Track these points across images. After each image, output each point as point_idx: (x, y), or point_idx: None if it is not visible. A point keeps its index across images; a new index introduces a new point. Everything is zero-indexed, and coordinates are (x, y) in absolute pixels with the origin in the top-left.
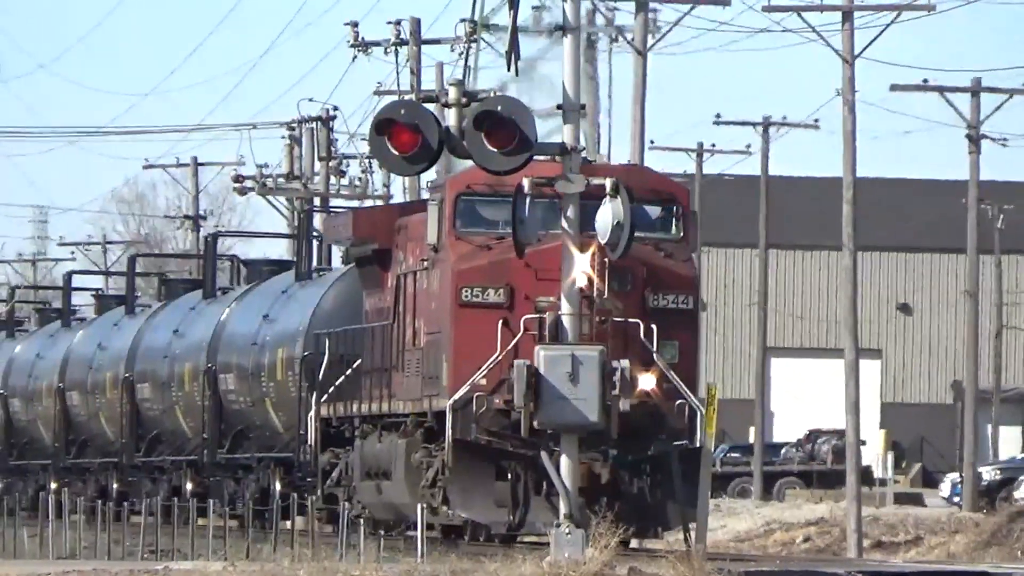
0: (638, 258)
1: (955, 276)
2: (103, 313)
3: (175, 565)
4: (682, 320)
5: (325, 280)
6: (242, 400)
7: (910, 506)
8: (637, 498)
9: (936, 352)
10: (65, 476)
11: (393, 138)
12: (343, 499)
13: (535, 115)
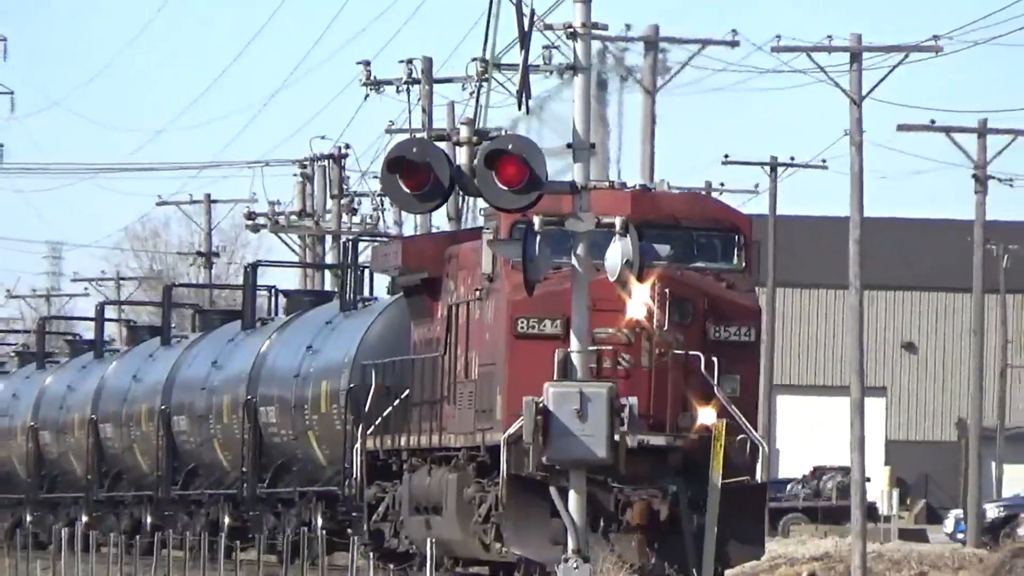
0: (699, 288)
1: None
2: (136, 344)
3: None
4: (744, 353)
5: (371, 310)
6: (284, 433)
7: (914, 542)
8: (697, 535)
9: (941, 390)
10: (97, 509)
11: (404, 176)
12: (390, 534)
13: (545, 153)
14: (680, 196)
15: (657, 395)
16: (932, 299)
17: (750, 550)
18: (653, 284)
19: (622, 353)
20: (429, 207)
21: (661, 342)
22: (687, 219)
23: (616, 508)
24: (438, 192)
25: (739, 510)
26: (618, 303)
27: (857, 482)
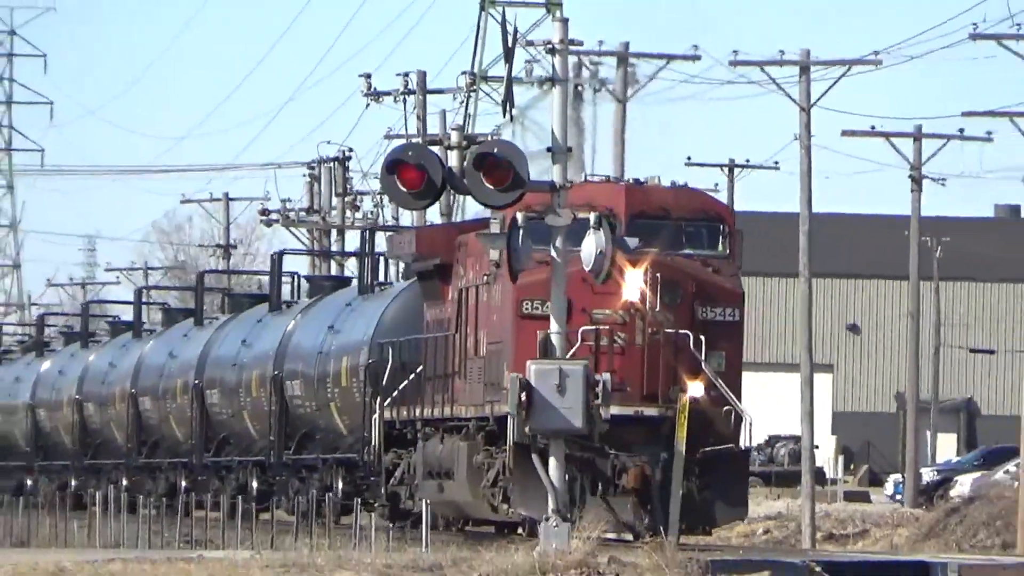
0: (688, 273)
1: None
2: (171, 326)
3: (208, 553)
4: (728, 332)
5: (387, 294)
6: (308, 405)
7: (858, 503)
8: (687, 498)
9: (881, 367)
10: (136, 474)
11: (401, 177)
12: (405, 497)
13: (527, 156)
14: (670, 189)
15: (650, 370)
16: (873, 286)
17: (735, 511)
18: (646, 269)
19: (618, 332)
20: (423, 204)
21: (653, 322)
22: (676, 210)
23: (613, 473)
24: (431, 191)
25: (724, 475)
26: (614, 287)
27: (807, 449)
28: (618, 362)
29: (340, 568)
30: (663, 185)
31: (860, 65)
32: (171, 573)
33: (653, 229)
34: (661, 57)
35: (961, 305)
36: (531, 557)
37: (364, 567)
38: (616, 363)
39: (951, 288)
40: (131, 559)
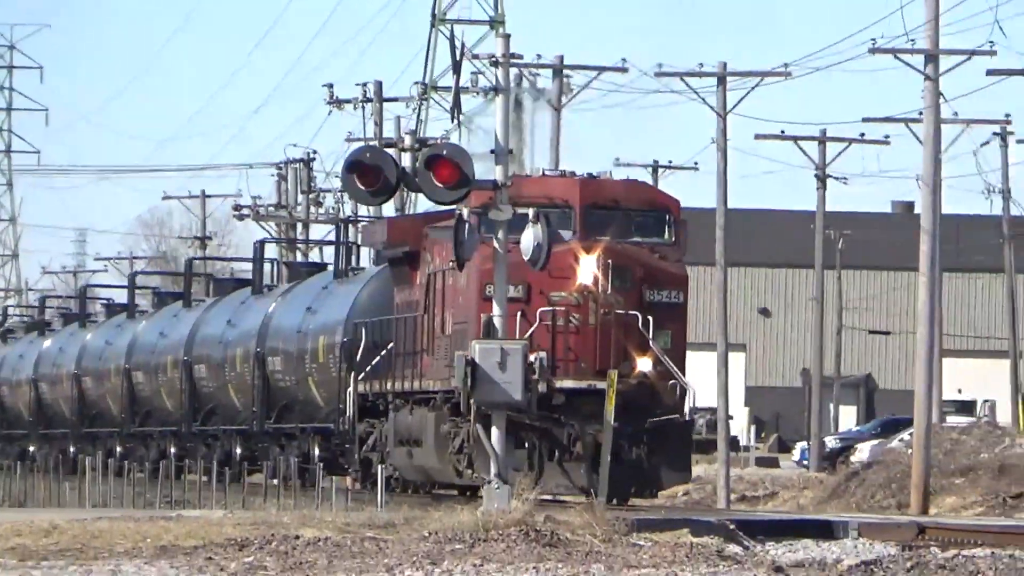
0: (637, 259)
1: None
2: (161, 308)
3: (186, 512)
4: (674, 313)
5: (360, 278)
6: (288, 379)
7: (768, 468)
8: (636, 464)
9: (789, 346)
10: (129, 442)
11: (360, 176)
12: (377, 462)
13: (473, 157)
14: (620, 182)
15: (602, 347)
16: (782, 274)
17: (680, 475)
18: (598, 256)
19: (573, 313)
20: (380, 201)
21: (605, 303)
22: (626, 201)
23: (568, 441)
24: (387, 189)
25: (670, 442)
26: (570, 271)
27: (722, 420)
28: (573, 340)
29: (304, 526)
30: (614, 179)
31: (771, 76)
32: (152, 530)
33: (605, 219)
34: (592, 69)
35: (861, 291)
36: (475, 516)
37: (325, 525)
38: (571, 341)
39: (852, 276)
40: (117, 518)
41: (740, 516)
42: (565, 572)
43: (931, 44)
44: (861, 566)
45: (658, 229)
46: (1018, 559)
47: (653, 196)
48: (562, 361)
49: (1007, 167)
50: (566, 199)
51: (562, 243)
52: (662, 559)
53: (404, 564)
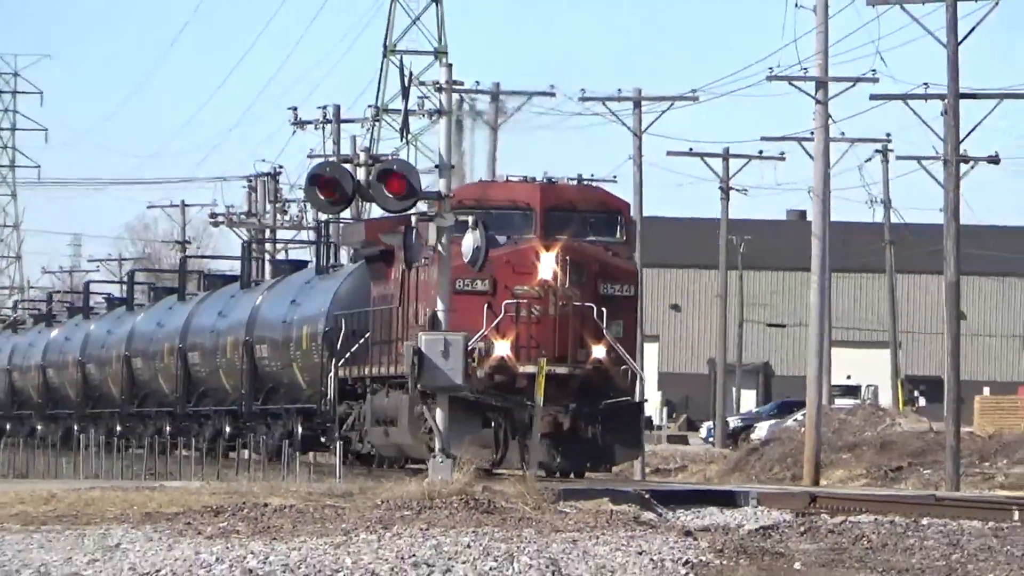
0: (592, 256)
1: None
2: (157, 301)
3: (168, 483)
4: (625, 305)
5: (340, 274)
6: (274, 364)
7: (678, 444)
8: (591, 441)
9: (697, 337)
10: (129, 421)
11: (321, 188)
12: (356, 440)
13: (419, 172)
14: (576, 187)
15: (560, 336)
16: (691, 274)
17: (631, 452)
18: (557, 253)
19: (534, 305)
20: (338, 210)
21: (563, 296)
22: (581, 204)
23: (529, 421)
24: (344, 199)
25: (622, 422)
26: (531, 267)
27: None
28: (535, 329)
29: (272, 495)
30: (571, 183)
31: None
32: (138, 498)
33: (563, 220)
34: (524, 94)
35: (760, 289)
36: (422, 487)
37: (291, 494)
38: (533, 330)
39: (752, 275)
40: (108, 488)
41: (654, 487)
42: (500, 535)
43: (821, 72)
44: (760, 530)
45: (611, 229)
46: (898, 524)
47: (606, 199)
48: (525, 348)
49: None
50: (528, 202)
51: (525, 241)
52: (585, 524)
53: (359, 528)
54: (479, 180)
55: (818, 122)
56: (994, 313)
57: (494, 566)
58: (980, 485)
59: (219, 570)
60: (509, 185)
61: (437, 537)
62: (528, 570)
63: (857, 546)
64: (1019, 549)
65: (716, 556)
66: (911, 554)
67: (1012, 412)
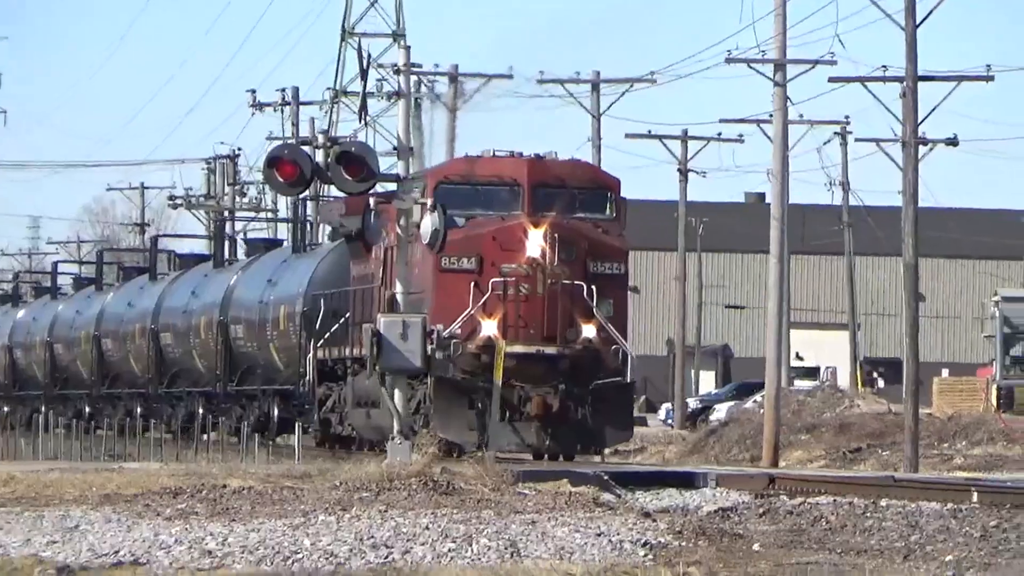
0: (581, 233)
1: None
2: (127, 281)
3: (127, 464)
4: (616, 283)
5: (318, 252)
6: (250, 345)
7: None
8: (581, 423)
9: (656, 319)
10: (99, 403)
11: (279, 170)
12: (336, 423)
13: (377, 154)
14: (565, 162)
15: (549, 315)
16: (650, 256)
17: (621, 434)
18: (546, 231)
19: (522, 283)
20: (296, 192)
21: (552, 274)
22: (571, 180)
23: (518, 402)
24: (303, 181)
25: (612, 403)
26: (519, 245)
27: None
28: (523, 308)
29: (230, 476)
30: (559, 159)
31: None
32: (97, 480)
33: (551, 196)
34: (483, 76)
35: (718, 271)
36: (380, 468)
37: (249, 476)
38: (521, 309)
39: (710, 258)
40: (66, 469)
41: (613, 468)
42: (459, 517)
43: (779, 55)
44: (719, 512)
45: (600, 206)
46: (856, 505)
47: (596, 175)
48: (512, 328)
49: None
50: (515, 178)
51: (512, 218)
52: (544, 506)
53: (318, 510)
54: (465, 155)
55: (776, 104)
56: (953, 295)
57: (453, 547)
58: (939, 466)
59: (178, 551)
60: (496, 160)
61: (396, 519)
62: (487, 551)
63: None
64: (977, 530)
65: (675, 538)
66: (870, 535)
67: (971, 394)
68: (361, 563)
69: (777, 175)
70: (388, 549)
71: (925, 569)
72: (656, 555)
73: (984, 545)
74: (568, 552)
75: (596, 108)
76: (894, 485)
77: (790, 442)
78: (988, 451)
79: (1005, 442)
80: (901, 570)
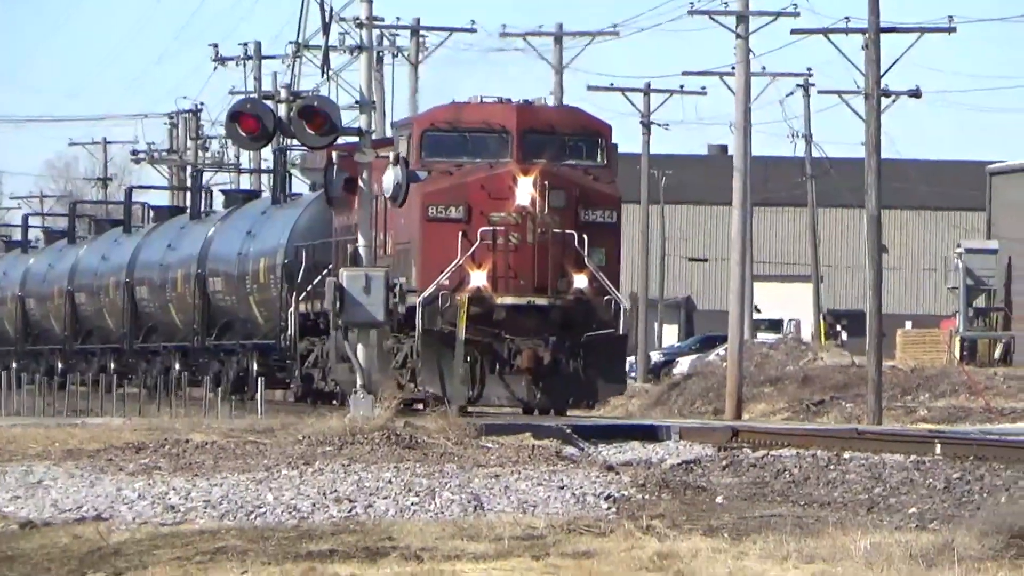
0: (572, 181)
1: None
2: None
3: (90, 420)
4: (607, 232)
5: (299, 203)
6: (228, 299)
7: None
8: (573, 376)
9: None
10: (72, 359)
11: (242, 124)
12: (318, 378)
13: (340, 108)
14: (555, 108)
15: (540, 265)
16: None
17: (615, 387)
18: (536, 178)
19: (512, 232)
20: (259, 146)
21: (542, 223)
22: (561, 126)
23: (509, 355)
24: (265, 135)
25: (605, 355)
26: (508, 193)
27: None
28: (513, 258)
29: (193, 431)
30: (549, 105)
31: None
32: (60, 435)
33: (541, 143)
34: (445, 30)
35: (681, 223)
36: (343, 422)
37: (212, 430)
38: (511, 259)
39: (673, 210)
40: (30, 425)
41: (576, 422)
42: (422, 471)
43: (742, 6)
44: (682, 465)
45: (591, 152)
46: (820, 458)
47: (586, 121)
48: (502, 278)
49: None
50: (504, 124)
51: (501, 165)
52: (507, 459)
53: (281, 464)
54: (452, 101)
55: (739, 57)
56: (916, 247)
57: (416, 501)
58: (902, 419)
59: (141, 507)
60: (484, 106)
61: (359, 473)
62: (450, 505)
63: (779, 480)
64: (940, 482)
65: (638, 491)
66: (833, 488)
67: (934, 346)
68: (324, 517)
69: (739, 127)
70: (351, 503)
71: (889, 521)
72: (619, 508)
73: (947, 497)
74: (531, 506)
75: (559, 62)
76: (857, 437)
77: (753, 395)
78: (951, 403)
79: (968, 394)
80: (865, 522)
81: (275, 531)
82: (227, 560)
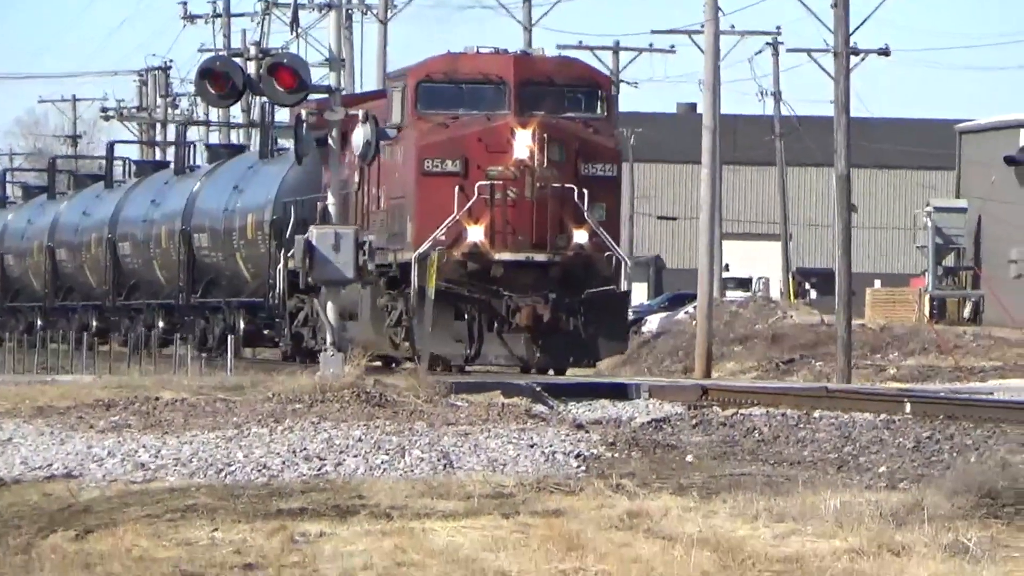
0: (571, 133)
1: None
2: (81, 189)
3: (60, 377)
4: (608, 186)
5: (287, 158)
6: (214, 255)
7: None
8: (574, 334)
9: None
10: (52, 316)
11: (212, 82)
12: (308, 337)
13: (309, 65)
14: (553, 59)
15: (539, 221)
16: None
17: (616, 345)
18: (534, 131)
19: (510, 187)
20: (228, 103)
21: (541, 177)
22: (559, 77)
23: (507, 312)
24: (235, 93)
25: (606, 313)
26: (506, 146)
27: None
28: (511, 213)
29: (163, 388)
30: (547, 55)
31: None
32: (31, 392)
33: (539, 94)
34: None
35: (651, 181)
36: (313, 380)
37: (182, 388)
38: (509, 214)
39: (643, 168)
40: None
41: (546, 380)
42: (392, 428)
43: None
44: (652, 423)
45: (591, 104)
46: (789, 416)
47: (585, 72)
48: (500, 234)
49: (778, 73)
50: (500, 75)
51: (498, 118)
52: (477, 417)
53: (251, 422)
54: (447, 52)
55: (708, 15)
56: (885, 206)
57: (385, 459)
58: (872, 377)
59: (111, 464)
60: (480, 57)
61: (328, 431)
62: (420, 463)
63: (749, 439)
64: (910, 441)
65: (608, 449)
66: (803, 446)
67: (903, 304)
68: (294, 475)
69: (708, 86)
70: (321, 461)
71: (859, 480)
72: (589, 466)
73: (917, 456)
74: (501, 464)
75: (528, 19)
76: (827, 396)
77: (723, 353)
78: (921, 362)
79: (937, 353)
80: (835, 481)
81: (245, 489)
82: (197, 517)
